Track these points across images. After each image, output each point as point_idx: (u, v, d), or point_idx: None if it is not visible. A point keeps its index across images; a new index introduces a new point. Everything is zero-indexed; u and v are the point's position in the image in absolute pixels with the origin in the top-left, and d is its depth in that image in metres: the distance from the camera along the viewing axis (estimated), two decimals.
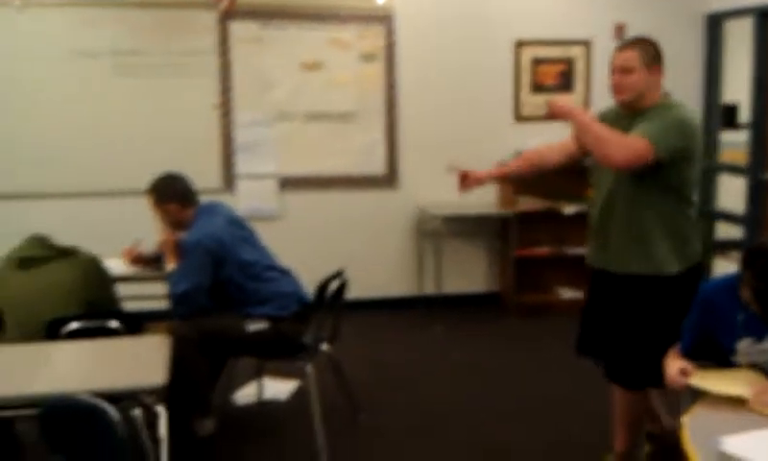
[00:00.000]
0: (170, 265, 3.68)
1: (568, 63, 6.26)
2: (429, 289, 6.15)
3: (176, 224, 3.74)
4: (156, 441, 2.55)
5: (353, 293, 4.13)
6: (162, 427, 2.39)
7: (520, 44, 6.16)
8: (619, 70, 3.01)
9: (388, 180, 6.15)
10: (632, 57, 2.98)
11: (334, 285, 3.76)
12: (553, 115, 3.08)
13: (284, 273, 3.83)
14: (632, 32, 5.68)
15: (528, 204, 5.94)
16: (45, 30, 5.63)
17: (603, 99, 6.09)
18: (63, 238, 3.61)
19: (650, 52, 3.01)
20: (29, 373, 2.61)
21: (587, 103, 6.19)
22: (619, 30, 6.12)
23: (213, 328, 3.54)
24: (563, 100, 3.07)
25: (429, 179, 6.14)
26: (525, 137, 5.84)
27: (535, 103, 6.20)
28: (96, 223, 5.44)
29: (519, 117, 6.21)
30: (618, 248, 3.05)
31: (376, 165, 6.13)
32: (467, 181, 3.49)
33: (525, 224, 5.96)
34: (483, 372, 4.75)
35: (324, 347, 3.83)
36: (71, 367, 2.70)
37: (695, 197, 3.08)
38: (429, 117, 6.13)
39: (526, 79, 6.22)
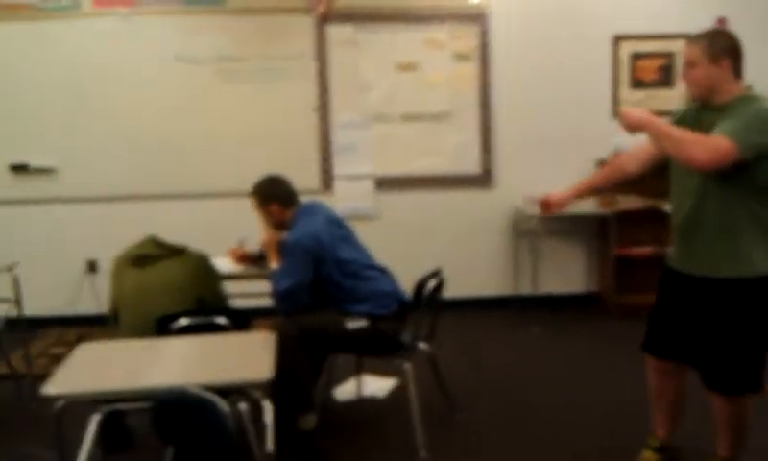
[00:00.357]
0: (273, 264, 3.80)
1: (669, 58, 6.11)
2: (525, 289, 6.12)
3: (278, 224, 3.85)
4: (261, 435, 2.63)
5: (449, 292, 4.15)
6: (269, 422, 2.47)
7: (618, 39, 6.05)
8: (685, 65, 3.00)
9: (483, 179, 6.14)
10: (695, 51, 2.95)
11: (431, 284, 3.79)
12: (628, 128, 3.01)
13: (383, 272, 3.88)
14: (733, 25, 5.50)
15: (628, 202, 5.82)
16: (151, 37, 5.88)
17: None
18: (170, 238, 3.78)
19: (717, 45, 2.91)
20: (140, 367, 2.73)
21: (690, 99, 6.02)
22: (720, 23, 5.93)
23: (314, 325, 3.62)
24: (635, 111, 2.99)
25: (525, 177, 6.10)
26: (625, 134, 5.72)
27: (634, 99, 6.08)
28: (202, 223, 5.64)
29: (618, 114, 6.09)
30: (708, 252, 2.96)
31: (471, 165, 6.13)
32: (549, 206, 3.48)
33: (625, 223, 5.83)
34: (581, 373, 4.69)
35: (422, 345, 3.87)
36: (181, 361, 2.80)
37: None
38: (524, 116, 6.09)
39: (625, 74, 6.11)
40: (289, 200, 3.86)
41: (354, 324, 3.66)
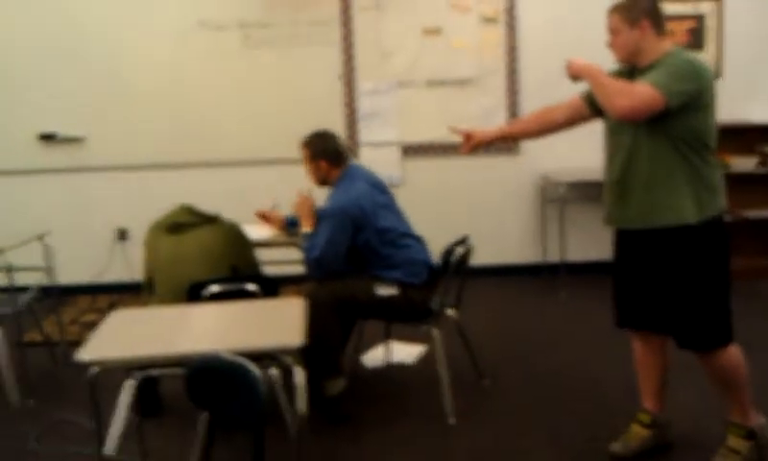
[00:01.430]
0: (305, 228, 3.81)
1: (698, 20, 6.00)
2: (553, 256, 6.10)
3: (322, 180, 3.85)
4: (291, 400, 2.65)
5: (476, 260, 4.15)
6: (300, 387, 2.49)
7: None
8: (609, 33, 3.13)
9: (510, 146, 6.09)
10: (614, 19, 3.07)
11: (459, 252, 3.79)
12: (571, 75, 3.11)
13: (417, 240, 3.88)
14: None
15: (742, 164, 5.74)
16: (176, 4, 5.90)
17: (736, 57, 5.90)
18: (197, 205, 3.81)
19: (635, 9, 3.00)
20: (173, 333, 2.76)
21: (718, 61, 5.93)
22: None
23: (345, 292, 3.64)
24: (579, 60, 3.10)
25: (553, 144, 6.01)
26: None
27: None
28: (228, 190, 5.68)
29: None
30: (643, 204, 2.97)
31: None
32: (471, 140, 3.57)
33: (738, 185, 5.56)
34: (609, 341, 4.66)
35: (450, 312, 3.88)
36: (213, 328, 2.83)
37: (713, 144, 2.94)
38: (551, 80, 5.96)
39: None
40: (338, 159, 3.84)
41: (385, 291, 3.67)
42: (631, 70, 3.10)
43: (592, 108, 3.24)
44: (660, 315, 3.08)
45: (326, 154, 3.81)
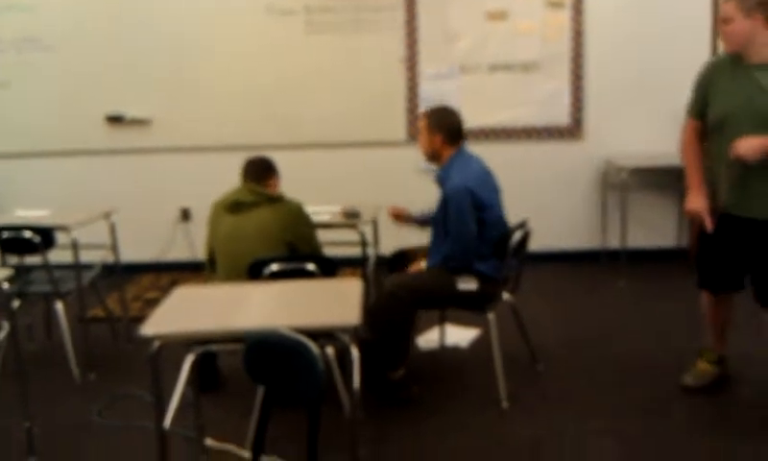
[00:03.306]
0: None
1: None
2: (613, 243, 6.01)
3: (432, 155, 3.83)
4: (347, 378, 2.68)
5: (535, 245, 4.11)
6: (356, 367, 2.51)
7: None
8: (721, 21, 3.26)
9: (573, 130, 6.02)
10: (729, 7, 3.19)
11: (518, 236, 3.76)
12: (754, 158, 3.17)
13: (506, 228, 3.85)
14: None
15: None
16: None
17: None
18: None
19: (748, 0, 3.14)
20: (232, 310, 2.81)
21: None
22: None
23: (425, 286, 3.65)
24: (751, 141, 3.15)
25: (616, 129, 5.96)
26: None
27: None
28: (292, 173, 5.70)
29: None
30: (763, 195, 3.26)
31: (561, 116, 6.01)
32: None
33: None
34: (667, 328, 4.60)
35: (506, 296, 3.86)
36: (272, 305, 2.87)
37: None
38: (617, 66, 5.92)
39: None
40: (454, 137, 3.81)
41: (466, 285, 3.65)
42: (719, 65, 3.36)
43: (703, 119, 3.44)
44: (753, 278, 3.44)
45: (444, 129, 3.77)
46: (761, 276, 3.40)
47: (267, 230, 3.57)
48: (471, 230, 3.62)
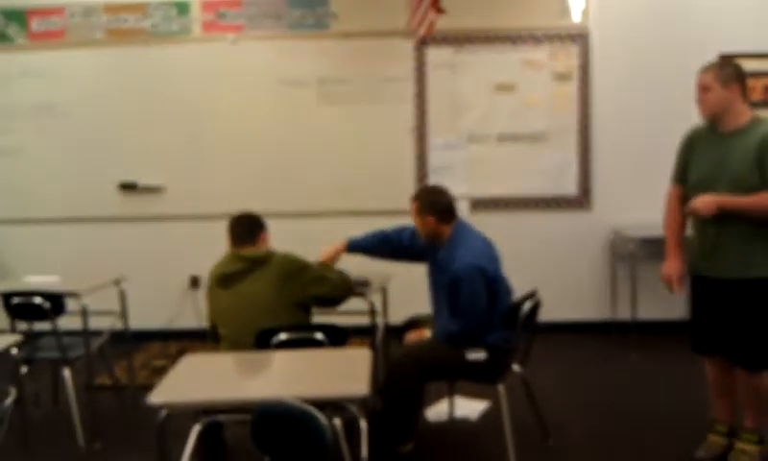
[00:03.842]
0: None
1: None
2: (623, 314, 5.97)
3: (430, 236, 3.84)
4: (352, 451, 2.65)
5: (545, 316, 4.09)
6: (364, 438, 2.49)
7: (724, 58, 5.86)
8: (699, 89, 3.45)
9: (581, 200, 6.05)
10: (708, 76, 3.40)
11: (527, 307, 3.74)
12: (707, 214, 3.33)
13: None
14: None
15: None
16: (256, 61, 6.08)
17: None
18: None
19: (727, 72, 3.39)
20: (240, 379, 2.80)
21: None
22: None
23: (432, 358, 3.63)
24: (705, 199, 3.35)
25: (624, 199, 5.98)
26: None
27: None
28: (304, 241, 5.70)
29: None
30: (740, 255, 3.36)
31: (569, 186, 6.05)
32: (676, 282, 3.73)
33: None
34: (681, 404, 4.53)
35: (516, 368, 3.83)
36: (280, 374, 2.86)
37: None
38: (625, 136, 5.97)
39: None
40: (446, 215, 3.82)
41: (475, 355, 3.62)
42: (708, 131, 3.52)
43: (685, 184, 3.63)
44: (727, 339, 3.50)
45: (435, 211, 3.80)
46: (737, 336, 3.46)
47: (264, 301, 3.51)
48: (483, 308, 3.61)
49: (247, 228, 3.77)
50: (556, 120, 6.02)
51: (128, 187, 6.20)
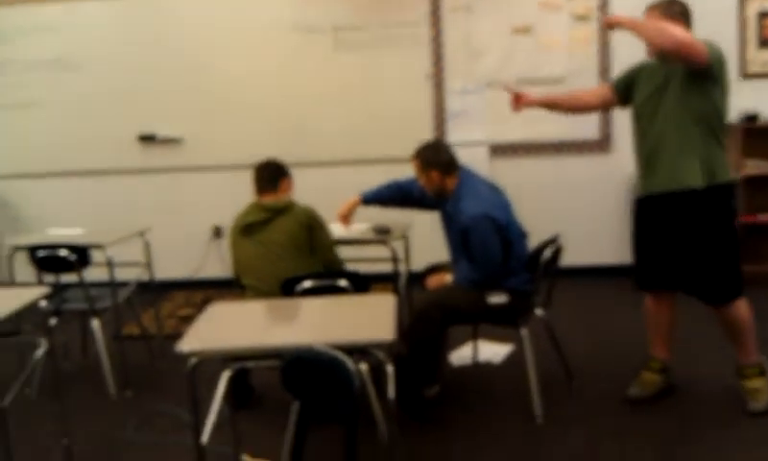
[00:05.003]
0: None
1: None
2: None
3: (437, 191, 3.83)
4: (380, 394, 2.69)
5: (566, 260, 4.10)
6: (390, 382, 2.52)
7: None
8: None
9: (601, 144, 6.01)
10: (655, 14, 3.42)
11: (549, 251, 3.75)
12: (607, 27, 3.57)
13: (526, 240, 3.85)
14: None
15: (757, 167, 5.58)
16: (270, 8, 6.06)
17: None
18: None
19: (673, 9, 3.41)
20: (267, 326, 2.83)
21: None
22: None
23: (454, 303, 3.65)
24: (620, 15, 3.60)
25: None
26: (754, 95, 5.51)
27: (763, 59, 5.79)
28: (321, 190, 5.74)
29: (746, 74, 5.81)
30: (668, 168, 3.41)
31: (589, 130, 6.01)
32: (519, 101, 4.00)
33: (752, 188, 5.61)
34: (699, 343, 4.55)
35: (539, 312, 3.85)
36: (306, 321, 2.89)
37: (726, 126, 3.47)
38: None
39: (752, 33, 5.82)
40: (449, 167, 3.81)
41: (496, 299, 3.64)
42: (653, 67, 3.57)
43: (620, 97, 3.77)
44: (680, 275, 3.57)
45: (437, 164, 3.78)
46: (694, 272, 3.51)
47: (285, 245, 3.61)
48: (497, 254, 3.61)
49: (269, 174, 3.85)
50: (575, 63, 5.95)
51: (147, 139, 6.23)
